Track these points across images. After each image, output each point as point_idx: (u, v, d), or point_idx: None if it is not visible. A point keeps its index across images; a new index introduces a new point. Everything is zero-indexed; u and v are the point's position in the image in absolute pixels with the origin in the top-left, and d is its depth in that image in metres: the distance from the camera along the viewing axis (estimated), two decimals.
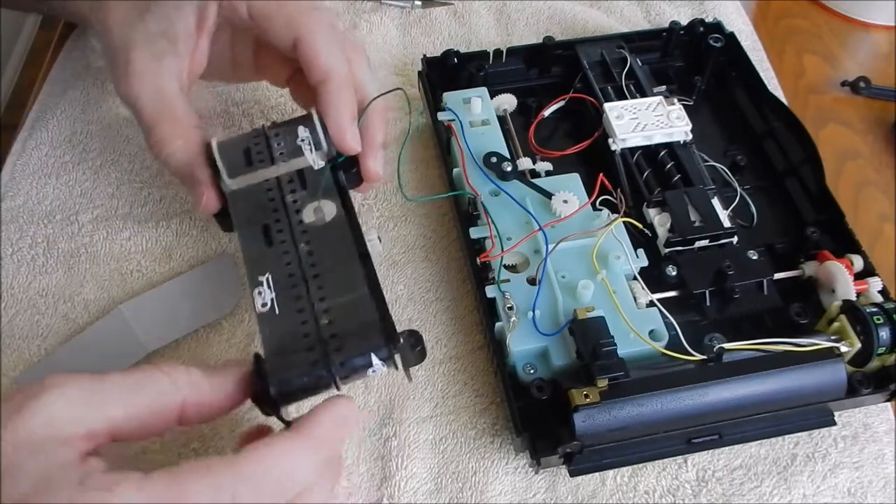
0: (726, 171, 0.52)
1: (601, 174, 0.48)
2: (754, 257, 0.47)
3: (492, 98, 0.53)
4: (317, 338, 0.35)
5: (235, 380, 0.34)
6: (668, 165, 0.50)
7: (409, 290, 0.49)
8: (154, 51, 0.42)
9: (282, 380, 0.34)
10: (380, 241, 0.43)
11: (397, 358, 0.35)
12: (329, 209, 0.40)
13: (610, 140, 0.50)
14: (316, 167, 0.42)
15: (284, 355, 0.35)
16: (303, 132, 0.42)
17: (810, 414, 0.42)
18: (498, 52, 0.56)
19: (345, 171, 0.43)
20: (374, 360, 0.35)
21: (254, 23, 0.43)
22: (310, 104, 0.45)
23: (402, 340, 0.35)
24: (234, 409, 0.34)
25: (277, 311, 0.36)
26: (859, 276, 0.45)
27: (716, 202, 0.48)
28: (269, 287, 0.37)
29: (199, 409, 0.33)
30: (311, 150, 0.42)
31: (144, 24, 0.43)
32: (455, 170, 0.49)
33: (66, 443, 0.30)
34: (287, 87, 0.49)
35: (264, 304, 0.37)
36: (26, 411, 0.29)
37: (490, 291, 0.44)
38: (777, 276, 0.47)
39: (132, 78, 0.42)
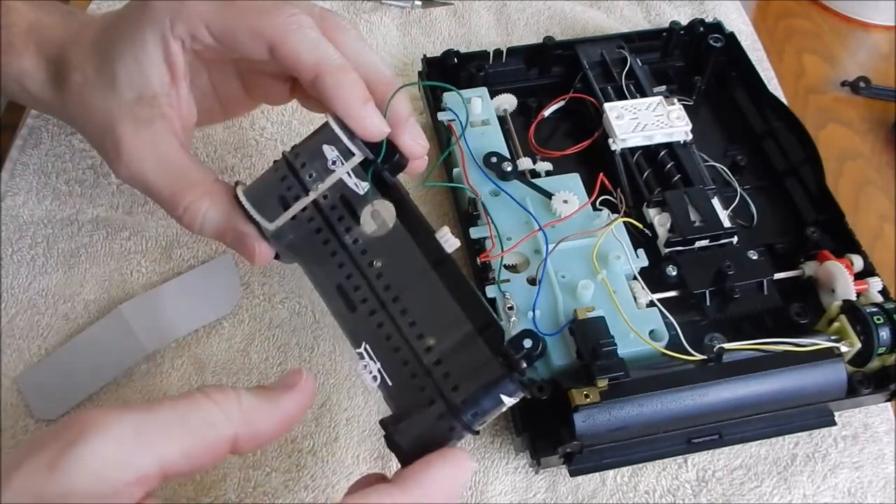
0: (726, 171, 0.52)
1: (601, 174, 0.48)
2: (754, 257, 0.47)
3: (492, 98, 0.53)
4: (435, 390, 0.32)
5: (290, 401, 0.32)
6: (668, 165, 0.50)
7: None
8: (139, 120, 0.38)
9: (413, 443, 0.32)
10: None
11: (523, 381, 0.32)
12: (387, 212, 0.36)
13: (610, 140, 0.50)
14: (361, 191, 0.37)
15: (409, 418, 0.33)
16: (329, 152, 0.37)
17: (810, 414, 0.42)
18: (498, 52, 0.56)
19: (387, 161, 0.38)
20: (504, 398, 0.32)
21: (220, 44, 0.38)
22: (321, 107, 0.41)
23: (523, 364, 0.32)
24: (290, 429, 0.32)
25: (390, 382, 0.33)
26: (859, 276, 0.45)
27: (716, 202, 0.48)
28: (371, 358, 0.34)
29: (252, 439, 0.30)
30: (349, 174, 0.37)
31: (117, 93, 0.39)
32: (455, 170, 0.49)
33: (118, 495, 0.26)
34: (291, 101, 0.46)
35: (375, 378, 0.34)
36: (65, 464, 0.25)
37: (490, 291, 0.44)
38: (777, 276, 0.47)
39: (129, 157, 0.39)
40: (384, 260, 0.36)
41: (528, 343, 0.32)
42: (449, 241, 0.35)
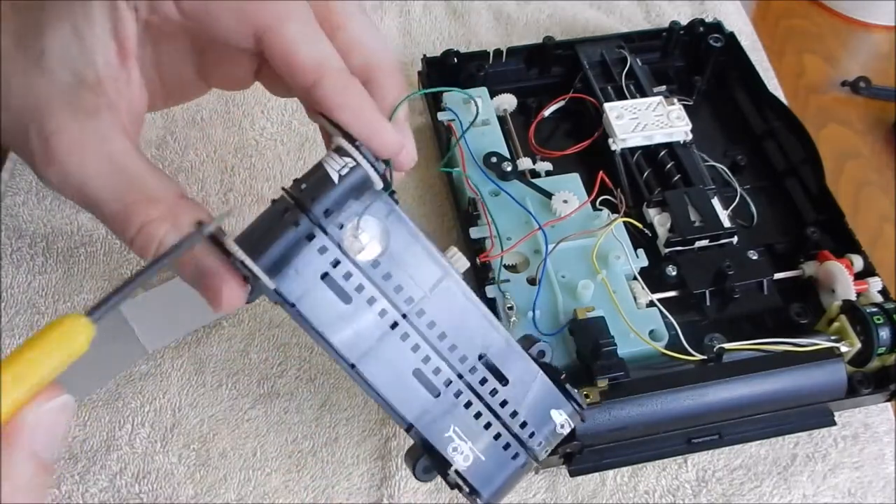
0: (726, 171, 0.52)
1: (601, 171, 0.48)
2: (754, 257, 0.47)
3: (492, 98, 0.53)
4: (519, 445, 0.32)
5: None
6: (668, 165, 0.50)
7: None
8: (78, 111, 0.29)
9: (496, 495, 0.32)
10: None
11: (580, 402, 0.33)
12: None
13: (610, 140, 0.50)
14: (399, 237, 0.30)
15: (498, 481, 0.32)
16: (350, 198, 0.29)
17: (810, 414, 0.42)
18: (498, 52, 0.56)
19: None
20: (564, 422, 0.33)
21: (189, 21, 0.31)
22: (289, 91, 0.33)
23: (576, 391, 0.33)
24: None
25: (483, 457, 0.32)
26: (859, 276, 0.45)
27: (716, 202, 0.48)
28: (461, 439, 0.31)
29: None
30: (376, 220, 0.30)
31: (46, 75, 0.29)
32: (455, 170, 0.49)
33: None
34: (251, 86, 0.37)
35: (466, 459, 0.31)
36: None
37: (490, 291, 0.44)
38: (777, 276, 0.47)
39: (65, 159, 0.29)
40: (442, 320, 0.31)
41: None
42: (459, 261, 0.32)
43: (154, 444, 0.43)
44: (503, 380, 0.32)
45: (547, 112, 0.55)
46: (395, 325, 0.30)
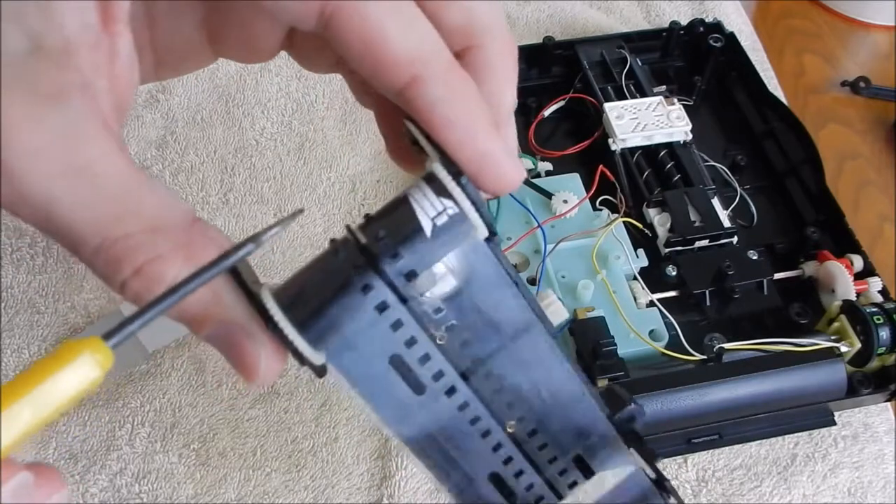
0: (726, 171, 0.52)
1: (601, 165, 0.48)
2: (754, 257, 0.47)
3: None
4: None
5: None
6: (668, 165, 0.50)
7: None
8: (35, 89, 0.20)
9: None
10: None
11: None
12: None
13: (610, 140, 0.50)
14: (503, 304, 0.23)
15: None
16: (427, 220, 0.20)
17: (810, 414, 0.42)
18: None
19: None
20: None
21: None
22: (325, 68, 0.26)
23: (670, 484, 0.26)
24: None
25: None
26: (859, 276, 0.45)
27: (716, 202, 0.48)
28: None
29: None
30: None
31: None
32: None
33: None
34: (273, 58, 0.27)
35: None
36: None
37: None
38: (777, 276, 0.47)
39: (15, 163, 0.19)
40: (535, 411, 0.24)
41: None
42: (556, 308, 0.25)
43: (154, 444, 0.43)
44: (589, 473, 0.25)
45: (547, 112, 0.55)
46: (476, 419, 0.24)
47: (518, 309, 0.23)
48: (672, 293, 0.46)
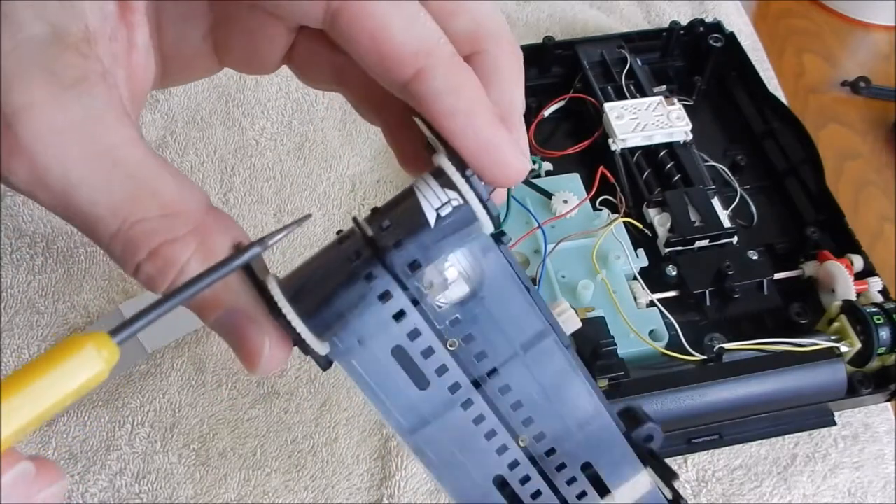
0: (726, 171, 0.52)
1: (601, 166, 0.48)
2: (754, 257, 0.47)
3: None
4: None
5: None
6: (668, 165, 0.50)
7: None
8: (57, 76, 0.20)
9: None
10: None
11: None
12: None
13: (610, 140, 0.50)
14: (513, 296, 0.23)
15: None
16: (431, 212, 0.21)
17: (810, 414, 0.42)
18: None
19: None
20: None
21: None
22: (324, 84, 0.27)
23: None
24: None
25: None
26: (859, 276, 0.45)
27: (716, 202, 0.48)
28: None
29: None
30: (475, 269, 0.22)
31: (11, 23, 0.20)
32: None
33: None
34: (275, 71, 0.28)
35: None
36: None
37: None
38: (777, 276, 0.47)
39: (36, 147, 0.20)
40: (545, 418, 0.24)
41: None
42: (570, 320, 0.24)
43: (154, 444, 0.43)
44: (603, 491, 0.25)
45: (547, 112, 0.55)
46: (480, 418, 0.23)
47: (530, 315, 0.23)
48: (672, 293, 0.46)
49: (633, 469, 0.25)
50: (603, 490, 0.25)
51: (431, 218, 0.20)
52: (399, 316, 0.22)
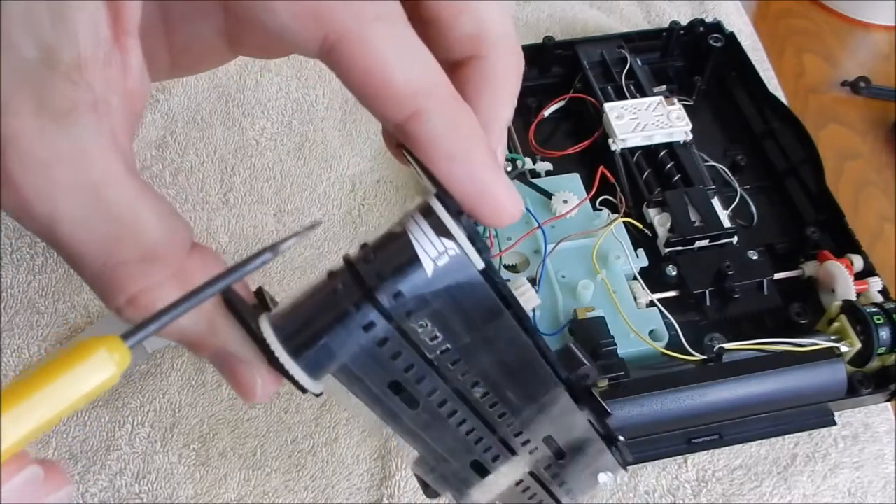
0: (726, 171, 0.52)
1: (601, 166, 0.48)
2: (754, 257, 0.47)
3: None
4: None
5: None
6: (668, 165, 0.50)
7: None
8: (46, 105, 0.19)
9: None
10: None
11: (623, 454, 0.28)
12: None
13: (610, 140, 0.50)
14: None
15: None
16: (423, 251, 0.20)
17: (810, 414, 0.42)
18: None
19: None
20: (607, 480, 0.29)
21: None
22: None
23: (623, 442, 0.28)
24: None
25: None
26: (859, 276, 0.45)
27: (716, 202, 0.48)
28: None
29: None
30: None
31: (8, 52, 0.19)
32: None
33: None
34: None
35: None
36: None
37: None
38: (777, 276, 0.47)
39: (21, 178, 0.20)
40: (504, 389, 0.24)
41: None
42: (528, 294, 0.24)
43: (154, 444, 0.43)
44: (561, 457, 0.27)
45: (547, 112, 0.55)
46: (462, 421, 0.25)
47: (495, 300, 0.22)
48: (672, 293, 0.46)
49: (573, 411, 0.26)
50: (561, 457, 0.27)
51: (430, 269, 0.20)
52: (395, 356, 0.22)
